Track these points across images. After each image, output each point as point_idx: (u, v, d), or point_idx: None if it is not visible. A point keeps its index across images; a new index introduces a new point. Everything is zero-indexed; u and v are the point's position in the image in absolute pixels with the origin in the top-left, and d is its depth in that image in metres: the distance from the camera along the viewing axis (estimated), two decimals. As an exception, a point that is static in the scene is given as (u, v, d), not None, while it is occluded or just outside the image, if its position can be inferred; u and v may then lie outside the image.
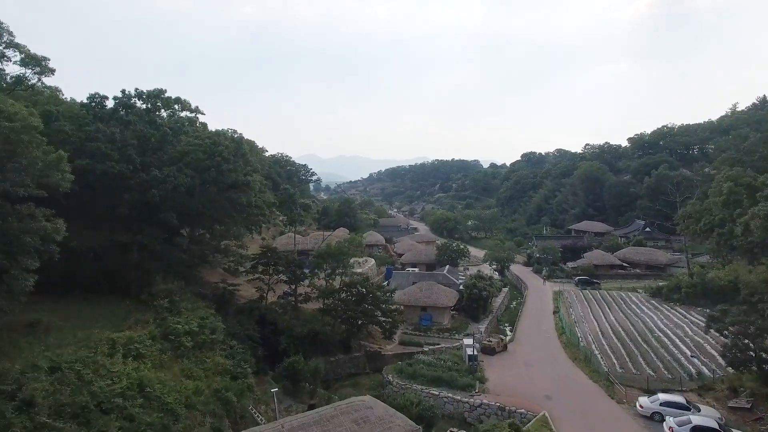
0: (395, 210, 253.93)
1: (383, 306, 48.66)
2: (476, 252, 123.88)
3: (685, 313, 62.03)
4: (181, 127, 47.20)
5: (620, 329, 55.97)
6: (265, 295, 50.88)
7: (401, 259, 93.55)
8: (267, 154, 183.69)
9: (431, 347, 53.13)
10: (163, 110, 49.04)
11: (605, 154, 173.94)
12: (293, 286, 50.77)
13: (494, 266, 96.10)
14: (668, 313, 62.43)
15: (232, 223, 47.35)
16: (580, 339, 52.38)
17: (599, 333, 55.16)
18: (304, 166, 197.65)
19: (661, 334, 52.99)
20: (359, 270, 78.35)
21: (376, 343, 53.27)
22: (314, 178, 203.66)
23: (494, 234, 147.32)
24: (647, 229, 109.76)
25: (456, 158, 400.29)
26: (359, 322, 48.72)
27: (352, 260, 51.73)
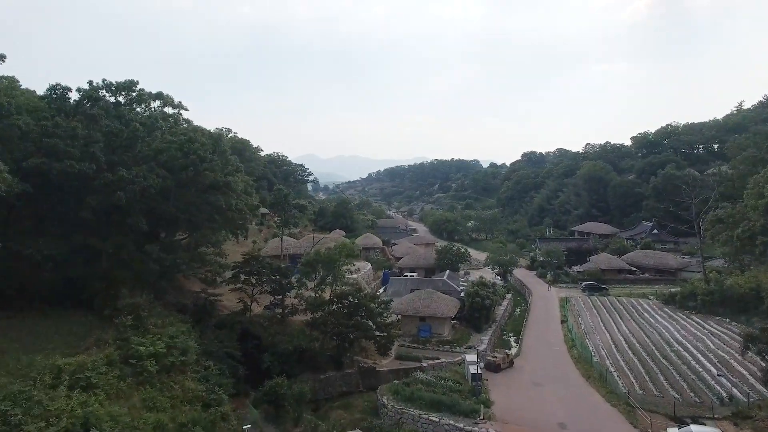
0: (394, 210, 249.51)
1: (378, 319, 44.12)
2: (477, 255, 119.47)
3: (702, 322, 57.58)
4: (155, 122, 42.55)
5: (635, 341, 51.56)
6: (249, 306, 46.40)
7: (399, 263, 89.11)
8: (262, 153, 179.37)
9: (430, 362, 48.74)
10: (136, 104, 44.54)
11: (608, 154, 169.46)
12: (279, 297, 46.25)
13: (496, 270, 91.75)
14: (684, 323, 58.00)
15: (210, 229, 42.83)
16: (593, 353, 47.97)
17: (612, 346, 50.76)
18: (301, 165, 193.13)
19: (680, 348, 48.57)
20: (354, 275, 74.01)
21: (370, 358, 48.77)
22: (311, 178, 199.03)
23: (495, 235, 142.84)
24: (655, 231, 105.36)
25: (455, 158, 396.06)
26: (352, 336, 44.20)
27: (344, 267, 46.97)
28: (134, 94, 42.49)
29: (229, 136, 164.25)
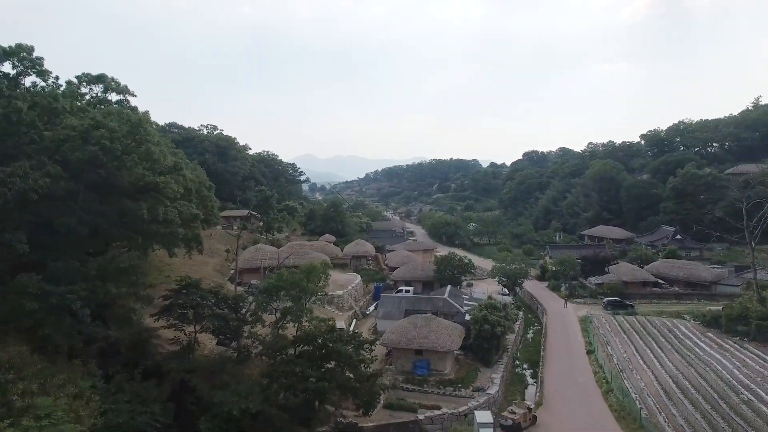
0: (391, 212, 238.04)
1: (359, 367, 32.67)
2: (479, 261, 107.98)
3: (763, 356, 46.31)
4: (53, 102, 31.01)
5: (688, 385, 40.17)
6: (192, 345, 35.00)
7: (393, 274, 77.63)
8: (251, 152, 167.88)
9: (428, 414, 37.50)
10: (37, 78, 33.10)
11: (617, 152, 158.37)
12: (229, 336, 34.83)
13: (503, 281, 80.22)
14: (741, 356, 46.62)
15: (125, 246, 31.42)
16: (639, 405, 36.64)
17: (660, 391, 39.42)
18: (293, 165, 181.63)
19: (750, 396, 37.14)
20: (339, 293, 62.64)
21: (350, 409, 37.38)
22: (303, 177, 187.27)
23: (498, 239, 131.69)
24: (678, 236, 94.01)
25: (454, 158, 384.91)
26: (326, 386, 32.74)
27: (313, 298, 35.23)
28: (28, 63, 30.90)
29: (215, 133, 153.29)
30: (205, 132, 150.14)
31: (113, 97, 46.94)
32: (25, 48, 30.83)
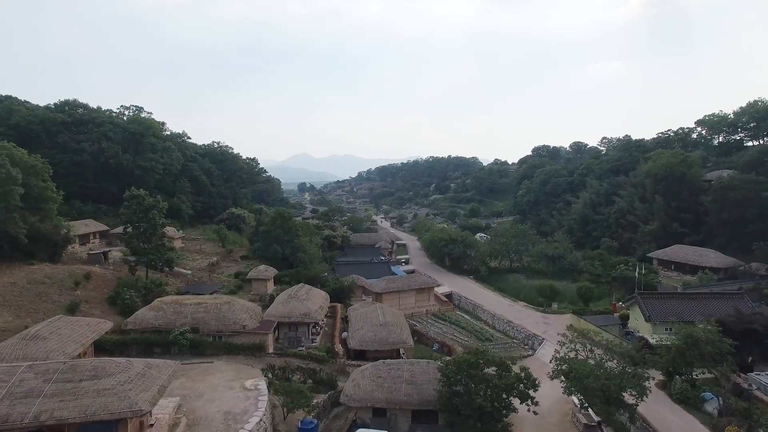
0: (381, 216, 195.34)
1: None
2: (503, 307, 65.49)
3: None
4: None
5: None
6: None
7: (351, 388, 33.74)
8: (193, 141, 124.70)
9: None
10: None
11: (672, 142, 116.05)
12: None
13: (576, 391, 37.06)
14: None
15: None
16: None
17: None
18: (254, 159, 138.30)
19: None
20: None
21: None
22: (266, 175, 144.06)
23: (525, 262, 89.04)
24: None
25: (452, 155, 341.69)
26: None
27: None
28: None
29: (142, 115, 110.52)
30: (128, 115, 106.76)
31: None
32: None
